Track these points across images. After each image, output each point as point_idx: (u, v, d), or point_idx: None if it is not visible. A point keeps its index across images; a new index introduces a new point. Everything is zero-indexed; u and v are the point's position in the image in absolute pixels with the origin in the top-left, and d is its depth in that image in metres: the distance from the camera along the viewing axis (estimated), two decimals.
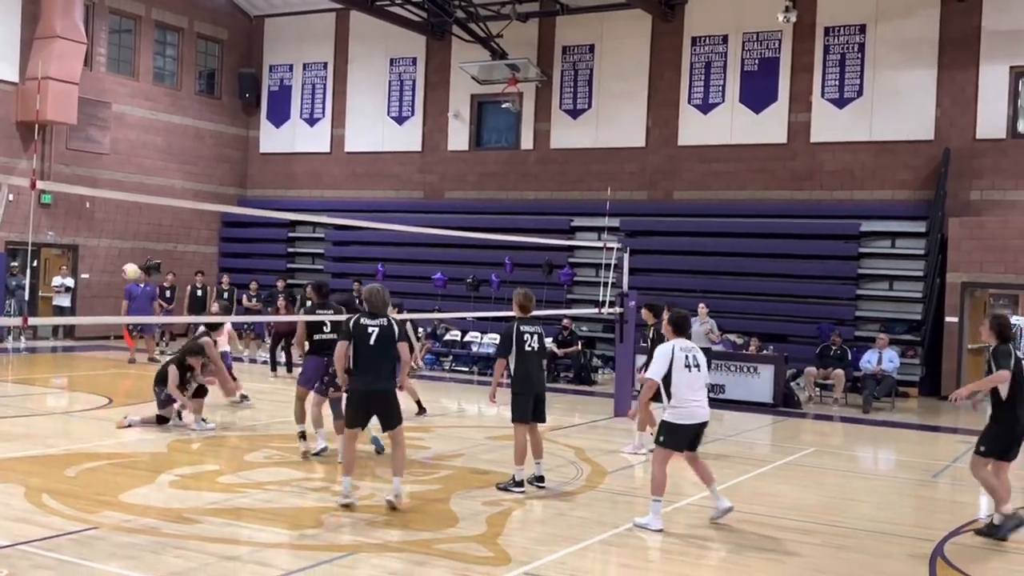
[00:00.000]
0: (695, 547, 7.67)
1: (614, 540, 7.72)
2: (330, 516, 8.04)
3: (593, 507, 8.79)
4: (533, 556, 7.09)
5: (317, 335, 10.58)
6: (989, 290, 20.89)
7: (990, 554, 7.85)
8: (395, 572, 6.67)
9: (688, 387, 8.12)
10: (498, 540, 7.52)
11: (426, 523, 7.94)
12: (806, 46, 21.35)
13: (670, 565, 7.14)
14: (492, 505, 8.60)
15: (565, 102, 23.95)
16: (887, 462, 13.06)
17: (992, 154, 19.70)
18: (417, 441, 11.84)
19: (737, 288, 20.63)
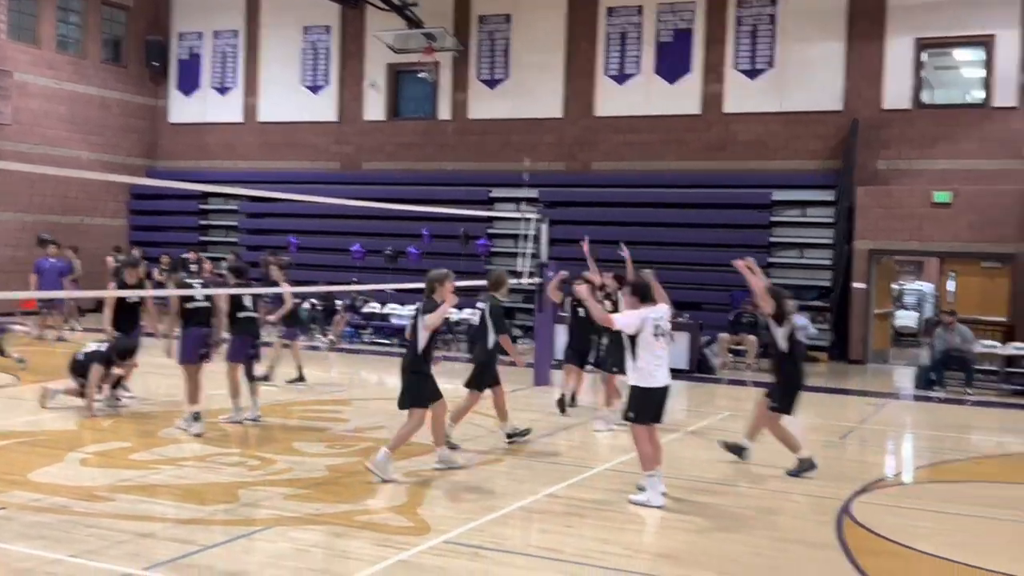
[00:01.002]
0: (612, 511, 7.79)
1: (534, 507, 7.81)
2: (247, 490, 7.96)
3: (513, 475, 8.87)
4: (453, 525, 7.13)
5: (190, 304, 10.37)
6: (895, 257, 21.58)
7: (894, 511, 8.15)
8: (314, 544, 6.65)
9: (657, 353, 8.05)
10: (418, 510, 7.55)
11: (345, 495, 7.91)
12: (718, 17, 21.60)
13: (589, 530, 7.25)
14: (412, 476, 8.61)
15: (482, 72, 23.85)
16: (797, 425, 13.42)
17: (898, 124, 20.25)
18: (336, 414, 11.79)
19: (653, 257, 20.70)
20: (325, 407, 12.32)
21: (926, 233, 18.97)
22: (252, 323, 11.02)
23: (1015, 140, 19.07)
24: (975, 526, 7.78)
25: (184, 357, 10.37)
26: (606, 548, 6.78)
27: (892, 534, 7.30)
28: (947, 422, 13.46)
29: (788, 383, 9.37)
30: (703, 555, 6.69)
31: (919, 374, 16.60)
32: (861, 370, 18.74)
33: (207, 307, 10.48)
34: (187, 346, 10.39)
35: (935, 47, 20.39)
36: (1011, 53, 19.41)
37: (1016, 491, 9.13)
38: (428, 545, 6.67)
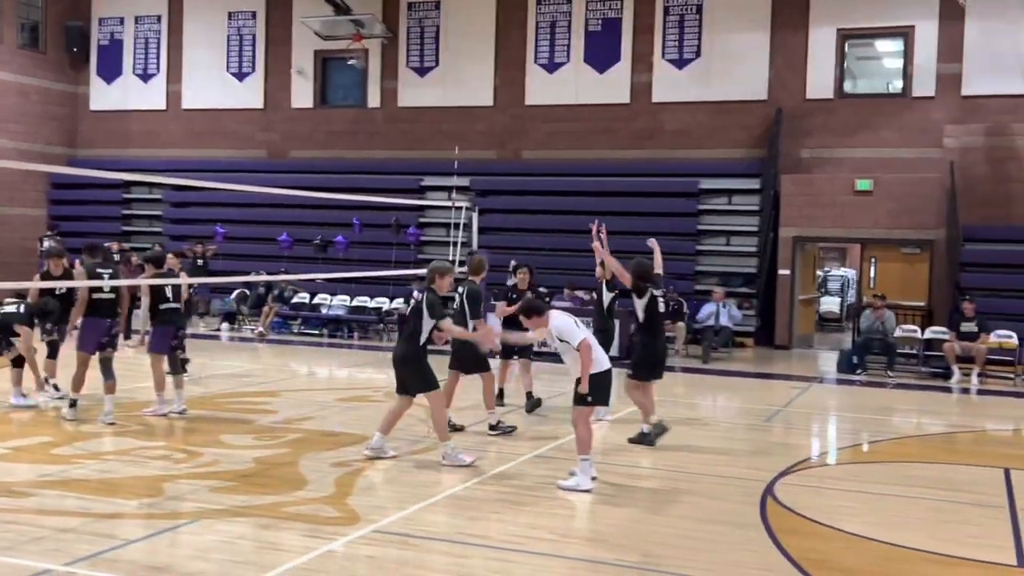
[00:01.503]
0: (541, 497, 7.84)
1: (464, 494, 7.82)
2: (172, 484, 7.84)
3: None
4: (383, 514, 7.11)
5: (97, 294, 10.23)
6: (819, 244, 22.03)
7: (817, 492, 8.34)
8: (241, 536, 6.58)
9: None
10: (347, 500, 7.51)
11: (273, 487, 7.84)
12: (647, 7, 21.78)
13: (518, 515, 7.29)
14: (341, 467, 8.56)
15: (412, 60, 23.71)
16: (724, 409, 13.66)
17: (821, 114, 20.65)
18: (264, 406, 11.66)
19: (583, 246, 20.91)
20: (253, 399, 12.17)
21: (848, 220, 19.40)
22: (175, 314, 10.86)
23: (933, 129, 19.57)
24: (895, 505, 7.99)
25: (82, 345, 10.20)
26: (535, 533, 6.83)
27: (814, 514, 7.48)
28: (869, 404, 13.81)
29: (645, 352, 10.12)
30: (630, 538, 6.77)
31: (842, 358, 16.99)
32: (786, 355, 19.11)
33: (112, 298, 10.32)
34: (85, 335, 10.23)
35: (856, 38, 20.83)
36: (929, 44, 19.92)
37: (934, 470, 9.41)
38: (358, 534, 6.64)
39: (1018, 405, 13.86)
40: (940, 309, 18.37)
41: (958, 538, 7.01)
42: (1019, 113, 19.22)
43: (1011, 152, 18.65)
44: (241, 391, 12.76)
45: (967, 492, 8.39)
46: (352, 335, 19.92)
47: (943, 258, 18.69)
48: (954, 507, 7.90)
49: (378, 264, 20.16)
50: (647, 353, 10.08)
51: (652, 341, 10.08)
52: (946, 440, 11.27)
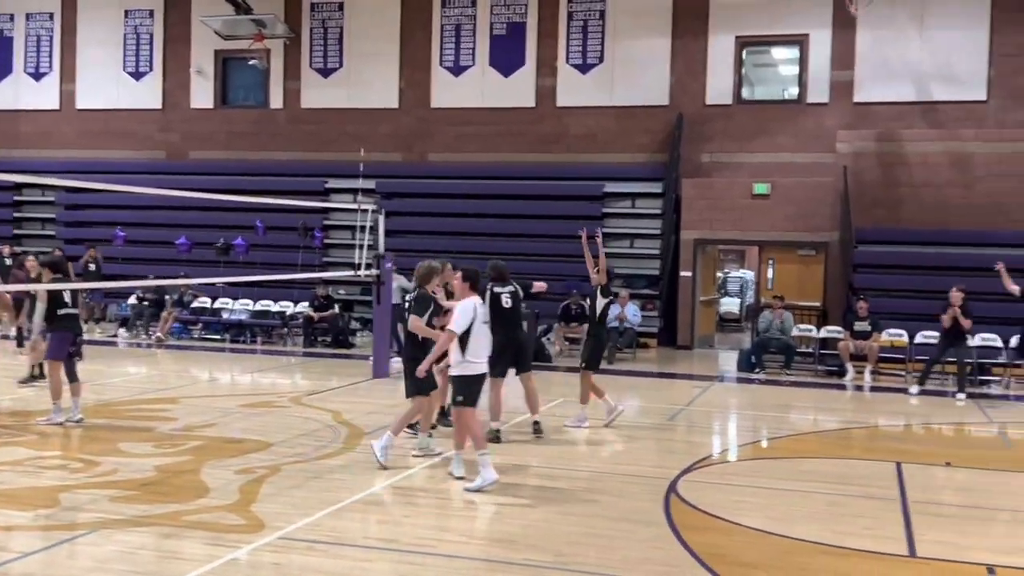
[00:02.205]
0: (450, 499, 7.85)
1: (371, 499, 7.77)
2: (69, 494, 7.60)
3: (350, 469, 8.79)
4: (288, 521, 7.02)
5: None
6: (719, 246, 22.54)
7: (717, 488, 8.54)
8: (141, 546, 6.42)
9: (483, 340, 8.38)
10: (251, 507, 7.39)
11: (174, 495, 7.67)
12: (551, 12, 22.00)
13: (426, 518, 7.28)
14: (245, 473, 8.42)
15: (315, 60, 23.47)
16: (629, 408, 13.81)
17: (720, 119, 21.15)
18: (164, 413, 11.39)
19: (490, 248, 20.92)
20: (152, 406, 11.88)
21: (747, 223, 19.89)
22: (73, 320, 10.57)
23: (827, 135, 20.22)
24: (793, 499, 8.23)
25: None
26: (443, 536, 6.84)
27: (716, 510, 7.65)
28: (767, 402, 14.18)
29: (599, 345, 11.17)
30: (538, 538, 6.83)
31: (741, 357, 17.41)
32: (688, 355, 19.50)
33: None
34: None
35: (754, 45, 21.39)
36: (823, 52, 20.58)
37: (830, 465, 9.71)
38: (263, 542, 6.54)
39: (908, 401, 14.41)
40: (835, 309, 18.98)
41: (853, 530, 7.25)
42: (908, 119, 20.01)
43: (900, 157, 19.39)
44: (139, 398, 12.44)
45: (861, 486, 8.69)
46: (255, 340, 19.59)
47: (837, 260, 19.31)
48: (849, 500, 8.18)
49: (282, 267, 19.88)
50: (601, 346, 11.27)
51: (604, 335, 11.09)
52: (841, 436, 11.65)
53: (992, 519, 7.77)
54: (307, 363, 16.91)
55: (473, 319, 8.22)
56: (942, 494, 8.49)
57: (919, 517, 7.58)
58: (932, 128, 19.77)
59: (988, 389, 15.65)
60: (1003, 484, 8.99)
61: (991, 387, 15.86)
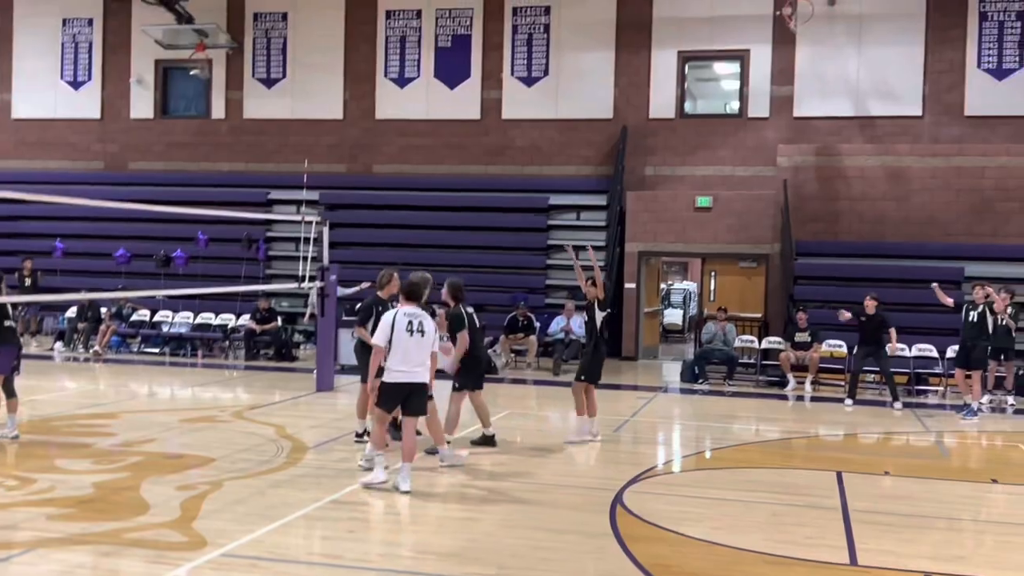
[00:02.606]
0: (396, 514, 7.81)
1: (316, 514, 7.69)
2: (4, 512, 7.40)
3: (294, 484, 8.69)
4: (231, 537, 6.91)
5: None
6: (662, 258, 22.74)
7: (662, 498, 8.60)
8: (79, 565, 6.28)
9: (405, 351, 8.40)
10: (193, 524, 7.27)
11: (114, 513, 7.51)
12: (496, 25, 22.08)
13: (373, 534, 7.23)
14: (186, 489, 8.28)
15: (258, 71, 23.28)
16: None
17: (663, 133, 21.38)
18: (103, 428, 11.16)
19: (436, 260, 20.92)
20: (90, 421, 11.63)
21: (689, 236, 20.11)
22: (14, 334, 10.35)
23: (768, 149, 20.55)
24: (736, 509, 8.32)
25: None
26: (389, 551, 6.79)
27: (661, 520, 7.70)
28: (711, 412, 14.32)
29: (597, 358, 11.21)
30: (483, 551, 6.81)
31: (685, 368, 17.58)
32: (633, 366, 19.63)
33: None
34: None
35: (696, 60, 21.67)
36: (764, 67, 20.92)
37: (773, 475, 9.83)
38: (204, 559, 6.43)
39: (848, 411, 14.65)
40: (776, 320, 19.25)
41: (795, 539, 7.35)
42: (845, 134, 20.42)
43: (838, 171, 19.78)
44: (77, 414, 12.18)
45: (803, 495, 8.81)
46: (196, 353, 19.31)
47: (778, 271, 19.61)
48: (791, 510, 8.29)
49: (224, 280, 19.62)
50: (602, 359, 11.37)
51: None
52: (783, 446, 11.80)
53: (931, 527, 7.92)
54: (249, 377, 16.71)
55: (392, 331, 8.38)
56: (882, 503, 8.64)
57: (860, 526, 7.71)
58: (869, 143, 20.21)
59: (925, 399, 15.98)
60: (941, 492, 9.18)
61: (928, 397, 16.19)
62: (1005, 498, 9.14)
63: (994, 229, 18.90)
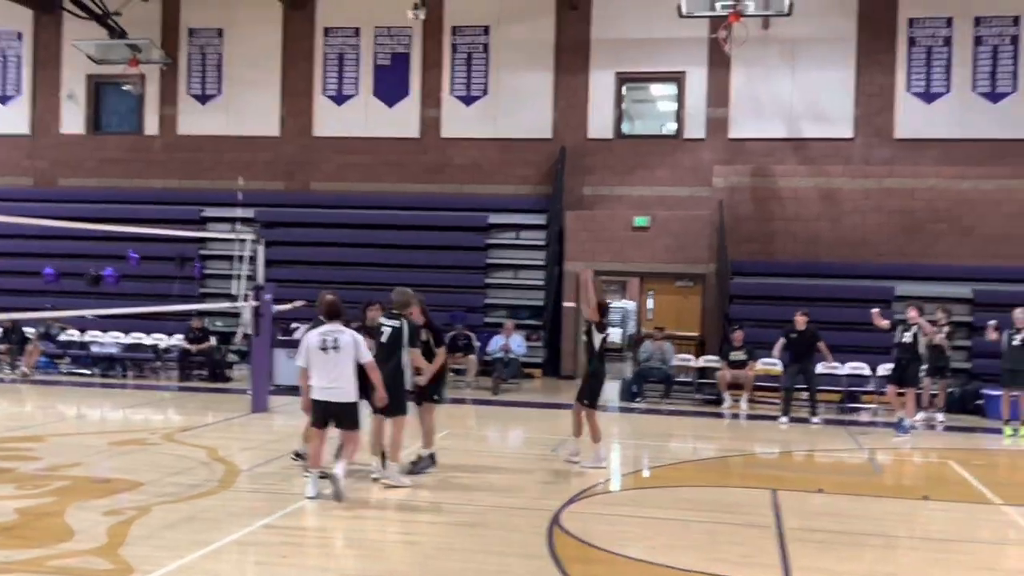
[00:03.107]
0: (332, 538, 7.67)
1: (248, 539, 7.53)
2: None
3: (226, 508, 8.51)
4: (158, 564, 6.72)
5: None
6: (601, 277, 22.75)
7: (600, 518, 8.58)
8: None
9: (321, 367, 8.73)
10: (120, 551, 7.06)
11: (37, 539, 7.26)
12: (435, 44, 22.09)
13: (307, 558, 7.09)
14: (113, 515, 8.04)
15: (193, 87, 22.97)
16: (515, 439, 13.86)
17: (601, 153, 21.53)
18: (27, 452, 10.82)
19: (375, 279, 20.73)
20: (15, 444, 11.27)
21: (627, 255, 20.25)
22: None
23: (704, 169, 20.80)
24: (673, 528, 8.33)
25: None
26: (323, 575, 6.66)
27: (599, 541, 7.67)
28: (648, 431, 14.38)
29: (598, 381, 11.05)
30: (420, 574, 6.71)
31: (623, 387, 17.64)
32: (572, 384, 19.53)
33: None
34: None
35: (633, 81, 21.89)
36: (699, 89, 21.19)
37: (710, 494, 9.88)
38: None
39: (783, 429, 14.81)
40: (712, 339, 19.43)
41: (730, 557, 7.37)
42: (779, 156, 20.76)
43: (773, 192, 20.08)
44: (2, 436, 11.79)
45: (738, 513, 8.86)
46: (127, 374, 18.88)
47: (714, 291, 19.81)
48: (727, 528, 8.32)
49: (156, 298, 19.23)
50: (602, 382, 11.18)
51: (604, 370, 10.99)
52: (719, 464, 11.88)
53: (864, 544, 8.01)
54: (182, 398, 16.38)
55: (307, 350, 8.81)
56: (816, 520, 8.72)
57: (794, 544, 7.76)
58: (803, 164, 20.56)
59: (857, 416, 16.23)
60: (873, 509, 9.29)
61: (860, 414, 16.45)
62: (936, 515, 9.28)
63: (924, 249, 19.32)
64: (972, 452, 12.95)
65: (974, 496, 9.95)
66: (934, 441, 13.88)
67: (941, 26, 20.43)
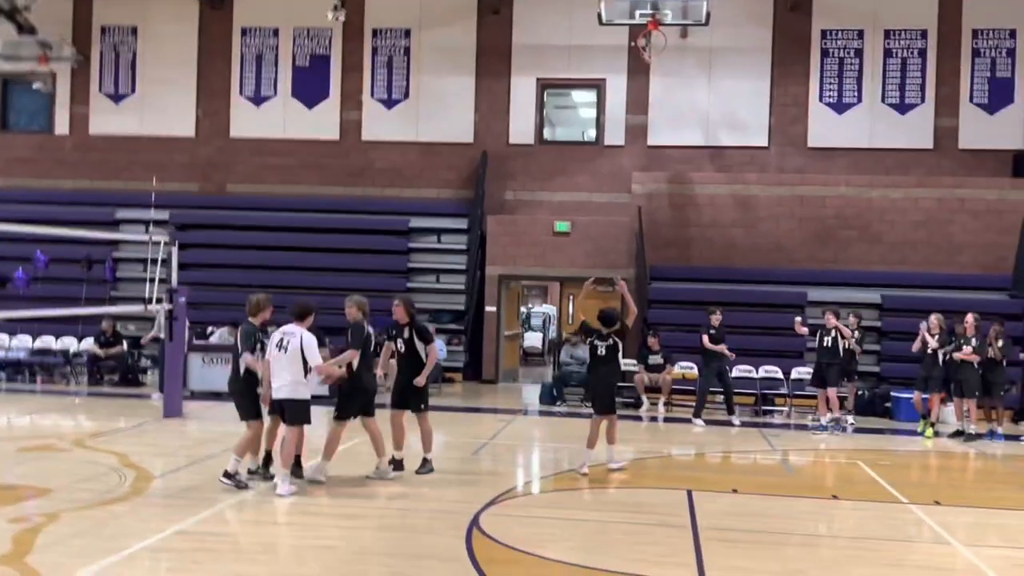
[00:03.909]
0: (241, 543, 7.55)
1: (160, 545, 7.37)
2: None
3: (138, 514, 8.31)
4: (66, 572, 6.54)
5: None
6: (522, 282, 22.95)
7: (519, 520, 8.60)
8: None
9: (276, 367, 9.17)
10: (26, 559, 6.84)
11: None
12: (355, 46, 21.95)
13: (220, 564, 6.96)
14: (19, 522, 7.80)
15: (106, 85, 22.44)
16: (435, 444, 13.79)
17: (522, 158, 21.64)
18: None
19: (294, 282, 20.51)
20: None
21: (548, 260, 20.37)
22: None
23: (623, 176, 21.04)
24: (592, 529, 8.39)
25: None
26: None
27: (518, 543, 7.70)
28: (569, 434, 14.42)
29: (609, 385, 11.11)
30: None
31: (543, 391, 17.73)
32: (493, 389, 19.68)
33: None
34: None
35: (554, 87, 22.04)
36: (619, 96, 21.45)
37: (627, 495, 9.99)
38: None
39: (699, 431, 15.05)
40: (630, 343, 19.59)
41: (647, 557, 7.46)
42: (696, 163, 21.11)
43: (690, 199, 20.41)
44: None
45: (655, 514, 8.97)
46: (35, 379, 18.31)
47: (633, 295, 19.96)
48: (644, 528, 8.42)
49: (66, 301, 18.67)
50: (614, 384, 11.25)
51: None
52: (637, 465, 12.00)
53: (777, 543, 8.18)
54: (92, 403, 15.95)
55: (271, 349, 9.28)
56: (730, 520, 8.88)
57: (709, 543, 7.89)
58: (719, 171, 20.95)
59: (771, 419, 16.57)
60: (786, 509, 9.50)
61: (774, 416, 16.80)
62: (846, 513, 9.53)
63: (835, 255, 19.84)
64: (881, 453, 13.34)
65: (882, 495, 10.24)
66: (845, 442, 14.24)
67: (853, 38, 21.02)
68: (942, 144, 20.75)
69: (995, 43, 20.63)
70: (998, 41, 20.63)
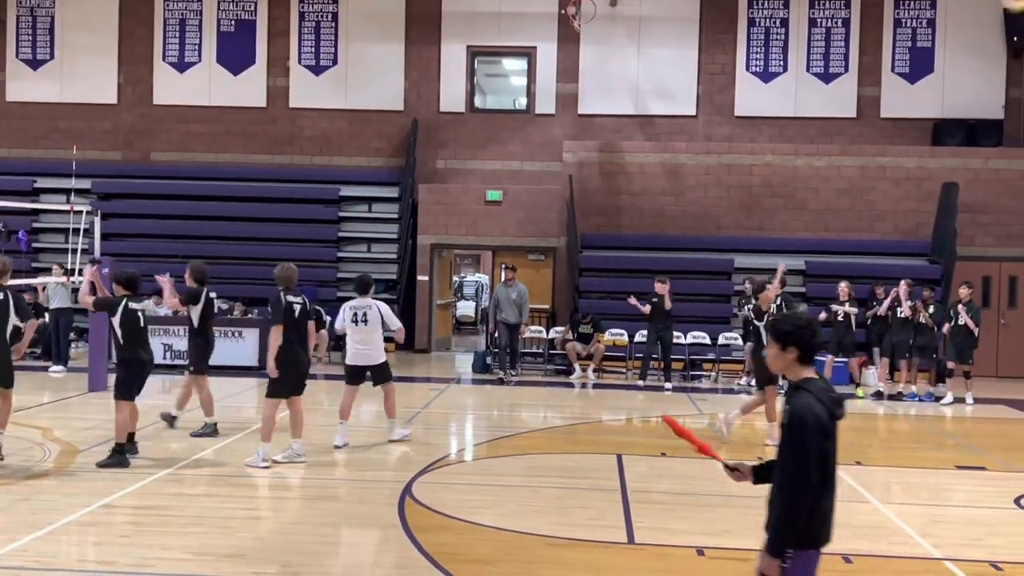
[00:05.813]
0: (173, 517, 7.49)
1: (86, 520, 7.27)
2: None
3: (62, 488, 8.18)
4: None
5: None
6: (454, 251, 22.91)
7: (451, 488, 8.66)
8: None
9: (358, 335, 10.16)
10: None
11: None
12: (282, 11, 21.57)
13: (149, 537, 6.89)
14: None
15: (23, 51, 21.73)
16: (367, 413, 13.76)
17: (454, 126, 21.53)
18: None
19: (221, 252, 20.24)
20: None
21: (481, 228, 20.36)
22: None
23: (554, 144, 21.07)
24: (523, 495, 8.50)
25: None
26: (167, 555, 6.49)
27: (450, 509, 7.76)
28: (500, 402, 14.57)
29: None
30: (270, 550, 6.64)
31: (476, 360, 17.80)
32: (426, 358, 19.69)
33: None
34: None
35: (485, 55, 21.94)
36: (550, 65, 21.43)
37: (558, 460, 10.11)
38: None
39: (629, 396, 15.27)
40: (563, 311, 19.79)
41: (578, 521, 7.58)
42: (627, 132, 21.23)
43: (620, 168, 20.54)
44: None
45: (586, 478, 9.11)
46: None
47: (564, 264, 20.16)
48: (574, 493, 8.55)
49: None
50: None
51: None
52: (568, 431, 12.16)
53: (703, 504, 8.37)
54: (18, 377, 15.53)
55: None
56: (658, 483, 9.06)
57: (637, 505, 8.05)
58: (648, 140, 21.10)
59: (699, 383, 16.88)
60: (711, 471, 9.68)
61: (701, 381, 17.11)
62: None
63: (761, 223, 20.17)
64: None
65: None
66: None
67: (779, 7, 21.25)
68: (865, 113, 21.16)
69: (916, 13, 21.04)
70: (919, 11, 21.04)
